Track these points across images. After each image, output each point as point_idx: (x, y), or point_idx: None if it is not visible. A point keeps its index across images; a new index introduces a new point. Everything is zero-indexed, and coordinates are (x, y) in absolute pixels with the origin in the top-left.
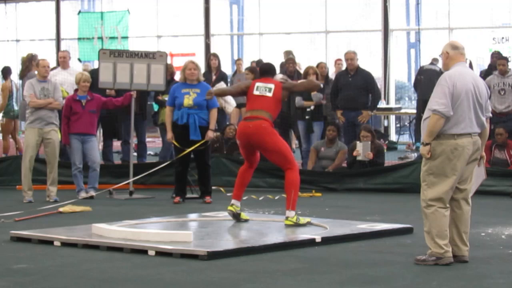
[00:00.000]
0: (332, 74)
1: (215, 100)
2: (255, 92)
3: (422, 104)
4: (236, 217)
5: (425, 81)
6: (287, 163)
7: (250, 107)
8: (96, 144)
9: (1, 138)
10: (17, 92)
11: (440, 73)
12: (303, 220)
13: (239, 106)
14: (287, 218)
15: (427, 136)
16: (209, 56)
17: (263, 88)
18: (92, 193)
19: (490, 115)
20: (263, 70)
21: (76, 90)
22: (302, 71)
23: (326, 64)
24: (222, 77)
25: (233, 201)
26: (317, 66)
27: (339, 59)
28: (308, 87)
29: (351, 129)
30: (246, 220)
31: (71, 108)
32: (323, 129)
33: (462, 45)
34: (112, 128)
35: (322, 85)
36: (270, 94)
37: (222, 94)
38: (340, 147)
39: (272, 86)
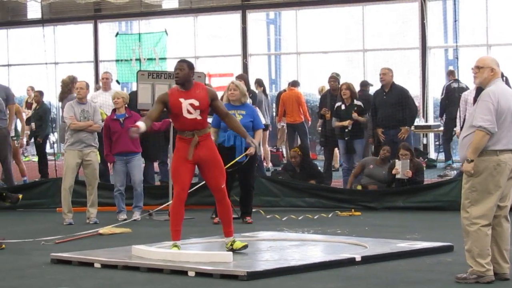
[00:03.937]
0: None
1: (259, 121)
2: None
3: (449, 121)
4: None
5: (450, 100)
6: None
7: None
8: (140, 163)
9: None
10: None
11: (460, 89)
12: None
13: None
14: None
15: (472, 153)
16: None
17: None
18: (137, 215)
19: None
20: None
21: (114, 110)
22: None
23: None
24: (251, 96)
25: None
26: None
27: None
28: None
29: (391, 147)
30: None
31: (110, 128)
32: (364, 145)
33: None
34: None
35: None
36: None
37: None
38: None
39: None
